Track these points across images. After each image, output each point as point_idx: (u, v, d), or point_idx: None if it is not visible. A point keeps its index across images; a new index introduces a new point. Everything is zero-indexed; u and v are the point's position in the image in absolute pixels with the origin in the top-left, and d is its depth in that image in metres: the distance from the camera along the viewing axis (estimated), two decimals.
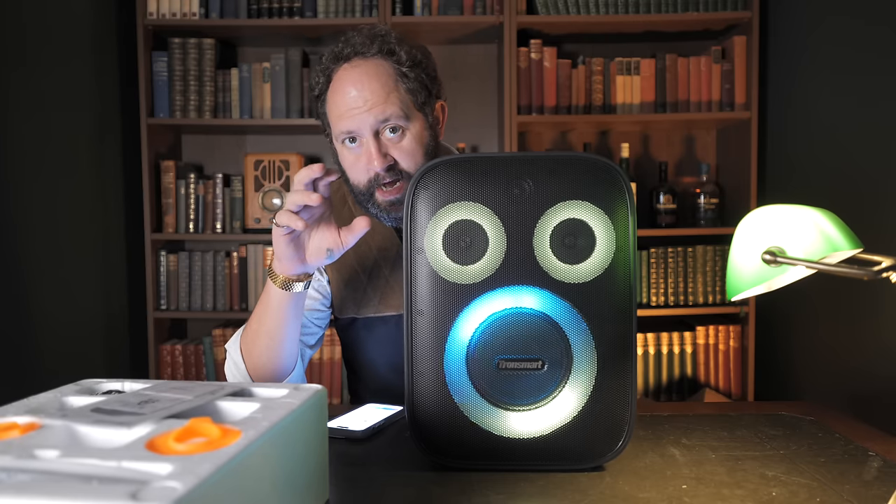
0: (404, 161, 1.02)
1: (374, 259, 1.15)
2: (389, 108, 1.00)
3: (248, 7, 2.25)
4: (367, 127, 1.00)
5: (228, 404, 0.59)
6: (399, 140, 1.02)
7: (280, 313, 0.99)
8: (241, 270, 2.34)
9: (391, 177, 1.02)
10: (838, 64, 1.89)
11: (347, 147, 1.04)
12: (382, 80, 1.01)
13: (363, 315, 1.15)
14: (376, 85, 1.00)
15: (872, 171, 1.74)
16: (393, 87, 1.01)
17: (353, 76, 1.01)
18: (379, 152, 1.00)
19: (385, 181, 1.02)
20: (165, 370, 2.31)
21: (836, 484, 0.72)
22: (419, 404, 0.77)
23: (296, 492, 0.57)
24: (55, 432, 0.50)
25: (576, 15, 2.21)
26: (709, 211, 2.32)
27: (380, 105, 0.99)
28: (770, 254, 0.69)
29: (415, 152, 1.03)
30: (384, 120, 1.00)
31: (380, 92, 1.00)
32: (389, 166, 1.01)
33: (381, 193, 1.03)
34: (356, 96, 1.00)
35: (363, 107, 0.99)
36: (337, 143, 1.06)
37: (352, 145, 1.03)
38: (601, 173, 0.76)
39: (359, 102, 0.99)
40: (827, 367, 1.97)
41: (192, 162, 2.53)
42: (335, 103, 1.02)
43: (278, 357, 1.03)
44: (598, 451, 0.76)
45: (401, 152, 1.02)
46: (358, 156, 1.03)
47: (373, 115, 0.99)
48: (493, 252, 0.76)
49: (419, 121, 1.04)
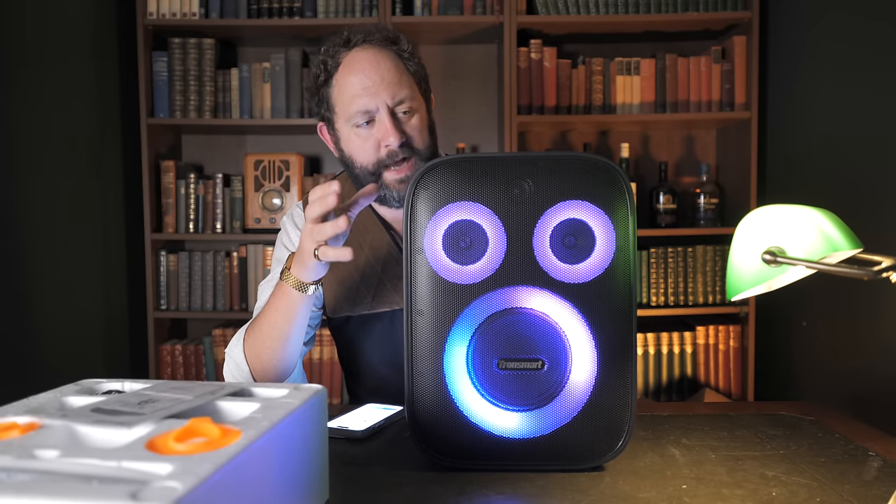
0: (416, 138, 1.08)
1: (366, 257, 1.15)
2: (404, 89, 1.06)
3: (248, 7, 2.25)
4: (384, 104, 1.04)
5: (228, 404, 0.59)
6: (410, 118, 1.07)
7: (292, 314, 0.99)
8: (241, 270, 2.34)
9: (404, 153, 1.06)
10: (838, 64, 1.89)
11: (355, 128, 1.07)
12: (394, 63, 1.06)
13: (357, 313, 1.16)
14: (390, 65, 1.06)
15: (872, 172, 1.74)
16: (403, 70, 1.07)
17: (368, 57, 1.05)
18: (395, 127, 1.04)
19: (397, 158, 1.06)
20: (165, 370, 2.31)
21: (836, 484, 0.72)
22: (419, 404, 0.77)
23: (296, 492, 0.57)
24: (55, 432, 0.50)
25: (576, 15, 2.21)
26: (709, 211, 2.32)
27: (395, 85, 1.05)
28: (770, 254, 0.69)
29: (422, 130, 1.09)
30: (400, 100, 1.05)
31: (394, 72, 1.05)
32: (403, 142, 1.05)
33: (389, 173, 1.07)
34: (372, 75, 1.04)
35: (381, 84, 1.04)
36: (345, 127, 1.09)
37: (363, 125, 1.06)
38: (601, 173, 0.76)
39: (375, 80, 1.04)
40: (827, 367, 1.97)
41: (192, 162, 2.53)
42: (349, 84, 1.06)
43: (286, 357, 1.04)
44: (598, 451, 0.76)
45: (412, 129, 1.07)
46: (367, 136, 1.07)
47: (388, 94, 1.04)
48: (493, 252, 0.76)
49: (423, 105, 1.11)
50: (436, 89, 2.50)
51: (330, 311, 1.18)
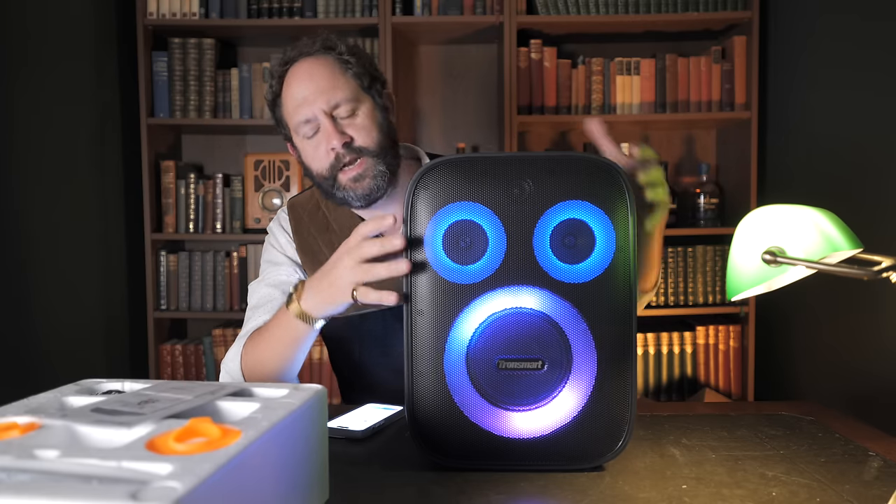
0: (360, 137, 1.08)
1: None
2: (339, 92, 1.07)
3: (248, 7, 2.24)
4: (320, 110, 1.06)
5: (228, 404, 0.59)
6: (352, 119, 1.08)
7: (296, 345, 0.99)
8: (241, 270, 2.34)
9: (350, 154, 1.07)
10: (838, 63, 1.89)
11: (306, 139, 1.09)
12: (329, 69, 1.08)
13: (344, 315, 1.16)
14: (325, 72, 1.08)
15: (872, 172, 1.74)
16: (339, 74, 1.09)
17: (303, 70, 1.09)
18: (335, 130, 1.06)
19: (346, 160, 1.07)
20: (165, 370, 2.31)
21: (836, 484, 0.72)
22: (419, 404, 0.77)
23: (296, 492, 0.57)
24: (55, 432, 0.50)
25: (576, 15, 2.21)
26: (709, 211, 2.32)
27: (329, 90, 1.07)
28: (770, 254, 0.69)
29: (369, 128, 1.09)
30: (335, 104, 1.07)
31: (328, 79, 1.07)
32: (346, 143, 1.06)
33: (343, 174, 1.08)
34: (307, 84, 1.07)
35: (314, 93, 1.06)
36: (297, 139, 1.12)
37: (310, 135, 1.08)
38: (601, 173, 0.76)
39: (311, 89, 1.07)
40: (827, 367, 1.97)
41: (192, 162, 2.53)
42: (290, 97, 1.09)
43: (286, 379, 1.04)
44: (598, 451, 0.76)
45: (355, 129, 1.08)
46: (316, 144, 1.08)
47: (324, 100, 1.06)
48: (493, 252, 0.76)
49: (368, 101, 1.11)
50: (436, 89, 2.52)
51: None
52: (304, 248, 1.18)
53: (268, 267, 1.20)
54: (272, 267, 1.19)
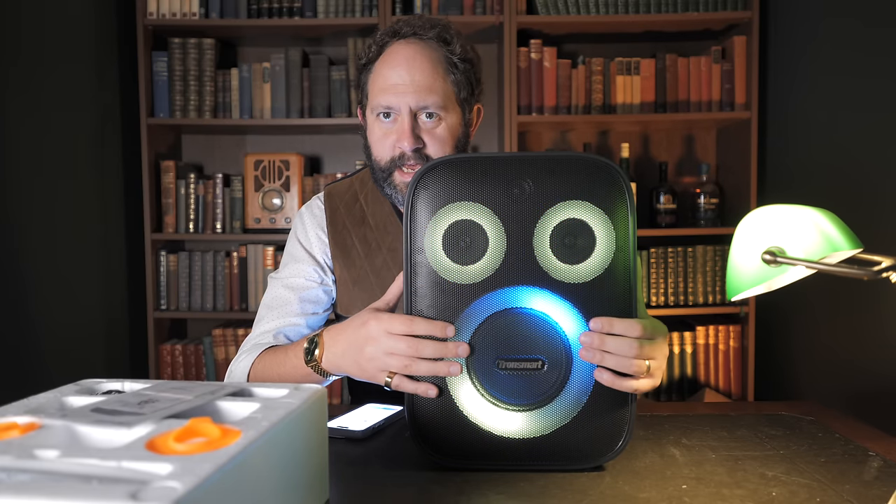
0: (433, 146, 1.04)
1: (382, 258, 1.15)
2: (432, 95, 1.02)
3: (248, 7, 2.24)
4: (405, 106, 1.02)
5: (228, 404, 0.59)
6: (434, 126, 1.04)
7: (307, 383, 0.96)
8: (241, 270, 2.34)
9: (415, 159, 1.03)
10: (838, 63, 1.89)
11: (380, 121, 1.05)
12: (433, 64, 1.03)
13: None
14: (426, 66, 1.02)
15: (872, 171, 1.74)
16: (440, 75, 1.03)
17: (407, 52, 1.03)
18: (411, 132, 1.02)
19: (409, 161, 1.03)
20: (165, 370, 2.31)
21: (836, 484, 0.72)
22: (419, 404, 0.77)
23: (296, 492, 0.57)
24: (55, 432, 0.50)
25: (576, 15, 2.21)
26: (709, 211, 2.32)
27: (424, 90, 1.01)
28: (770, 254, 0.69)
29: (445, 142, 1.05)
30: (424, 106, 1.02)
31: (427, 75, 1.02)
32: (417, 148, 1.03)
33: (400, 174, 1.05)
34: (403, 74, 1.02)
35: (408, 86, 1.01)
36: (370, 115, 1.07)
37: (385, 120, 1.04)
38: (601, 173, 0.76)
39: (405, 80, 1.01)
40: (827, 367, 1.97)
41: (192, 162, 2.53)
42: (382, 75, 1.04)
43: None
44: (598, 451, 0.76)
45: (432, 138, 1.04)
46: (388, 131, 1.04)
47: (414, 98, 1.01)
48: (493, 252, 0.76)
49: (456, 114, 1.06)
50: None
51: (342, 310, 1.17)
52: (336, 241, 1.15)
53: (289, 260, 1.17)
54: (292, 262, 1.16)
